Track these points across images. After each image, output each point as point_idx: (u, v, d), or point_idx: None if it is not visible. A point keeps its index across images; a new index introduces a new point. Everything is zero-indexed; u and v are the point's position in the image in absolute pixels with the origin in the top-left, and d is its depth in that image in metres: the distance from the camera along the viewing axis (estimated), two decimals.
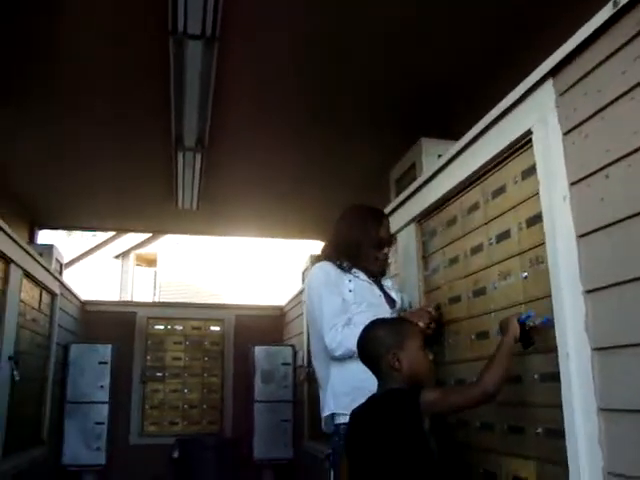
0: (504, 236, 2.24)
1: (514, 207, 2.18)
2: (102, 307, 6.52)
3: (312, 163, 5.25)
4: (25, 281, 4.30)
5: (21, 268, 4.13)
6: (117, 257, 16.09)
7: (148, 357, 6.34)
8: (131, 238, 15.35)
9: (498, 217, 2.29)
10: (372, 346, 2.13)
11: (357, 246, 2.74)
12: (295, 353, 5.74)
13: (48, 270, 4.89)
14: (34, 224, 6.48)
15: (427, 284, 2.90)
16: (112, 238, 15.99)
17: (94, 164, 5.22)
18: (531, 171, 2.05)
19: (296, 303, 5.83)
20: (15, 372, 3.96)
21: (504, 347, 1.93)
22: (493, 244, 2.31)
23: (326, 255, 2.80)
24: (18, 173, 5.34)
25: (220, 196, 5.76)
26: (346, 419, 2.49)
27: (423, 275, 2.93)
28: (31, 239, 6.35)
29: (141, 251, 15.59)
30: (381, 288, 2.79)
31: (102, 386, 5.45)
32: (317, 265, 2.76)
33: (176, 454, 5.62)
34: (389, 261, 2.87)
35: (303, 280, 6.70)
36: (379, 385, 2.14)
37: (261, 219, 6.64)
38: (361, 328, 2.55)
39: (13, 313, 4.00)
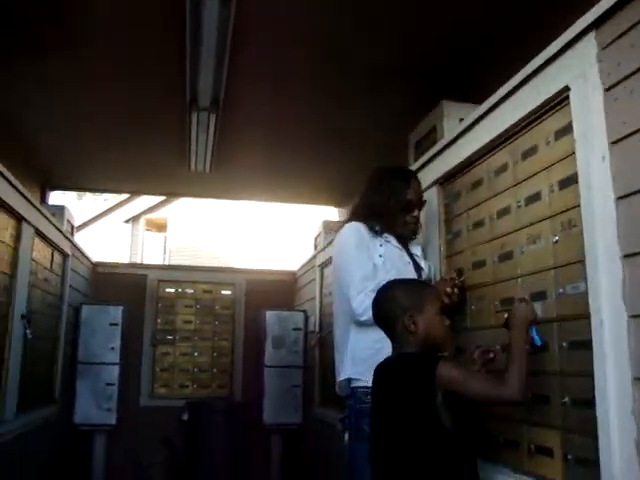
0: (534, 198, 2.15)
1: (546, 168, 2.09)
2: (113, 269, 6.49)
3: (329, 126, 5.14)
4: (37, 240, 4.25)
5: (33, 227, 4.08)
6: (127, 222, 16.08)
7: (159, 320, 6.32)
8: (141, 202, 15.32)
9: (528, 179, 2.20)
10: (388, 306, 2.07)
11: (386, 209, 2.66)
12: (307, 318, 5.70)
13: (60, 230, 4.84)
14: (45, 185, 6.43)
15: (449, 248, 2.82)
16: (122, 202, 15.96)
17: (106, 124, 5.14)
18: (566, 130, 1.96)
19: (309, 268, 5.78)
20: (27, 330, 3.94)
21: (522, 349, 1.87)
22: (522, 207, 2.23)
23: (357, 216, 2.72)
24: (30, 133, 5.27)
25: (234, 159, 5.67)
26: (362, 382, 2.46)
27: (445, 239, 2.85)
28: (42, 200, 6.30)
29: (151, 216, 15.57)
30: (410, 255, 2.72)
31: (113, 348, 5.44)
32: (349, 224, 2.69)
33: (185, 417, 5.63)
34: (420, 224, 2.78)
35: (315, 247, 6.64)
36: (393, 348, 2.09)
37: (274, 183, 6.55)
38: None
39: (25, 271, 3.96)
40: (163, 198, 14.13)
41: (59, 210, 5.59)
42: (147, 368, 6.20)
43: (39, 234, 4.27)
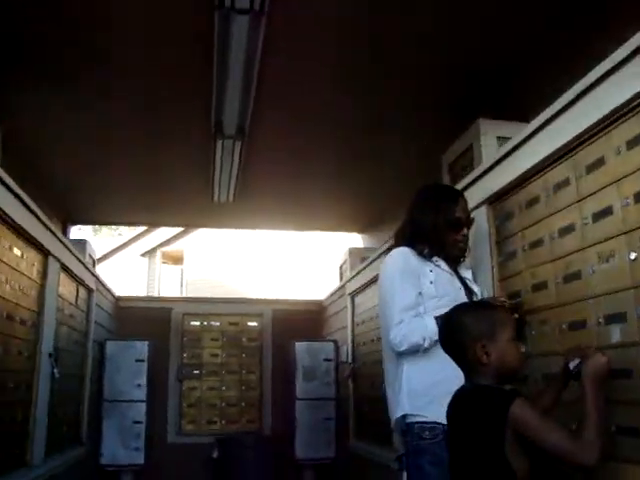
0: (604, 214, 2.00)
1: (617, 181, 1.95)
2: (136, 303, 6.38)
3: (353, 151, 5.03)
4: (63, 275, 4.15)
5: (59, 261, 3.98)
6: (144, 255, 16.03)
7: (184, 354, 6.17)
8: (157, 235, 15.28)
9: (595, 193, 2.05)
10: (457, 335, 1.90)
11: (434, 229, 2.52)
12: (337, 348, 5.54)
13: (84, 264, 4.74)
14: (67, 220, 6.36)
15: (502, 270, 2.67)
16: (138, 236, 15.94)
17: (127, 155, 5.07)
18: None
19: (338, 297, 5.63)
20: (55, 370, 3.81)
21: (600, 405, 1.69)
22: (589, 223, 2.08)
23: (404, 239, 2.58)
24: (51, 167, 5.20)
25: (257, 188, 5.57)
26: (419, 418, 2.30)
27: (497, 261, 2.70)
28: (64, 235, 6.21)
29: (167, 249, 15.51)
30: (460, 279, 2.57)
31: (139, 384, 5.30)
32: (396, 250, 2.54)
33: (216, 454, 5.46)
34: (469, 244, 2.63)
35: (341, 275, 6.51)
36: (465, 377, 1.93)
37: (297, 212, 6.44)
38: (430, 318, 2.35)
39: (51, 308, 3.85)
40: (179, 230, 14.08)
41: (81, 244, 5.50)
42: (174, 404, 6.03)
43: (65, 269, 4.17)
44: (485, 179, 2.78)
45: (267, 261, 13.31)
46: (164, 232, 14.77)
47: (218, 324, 6.31)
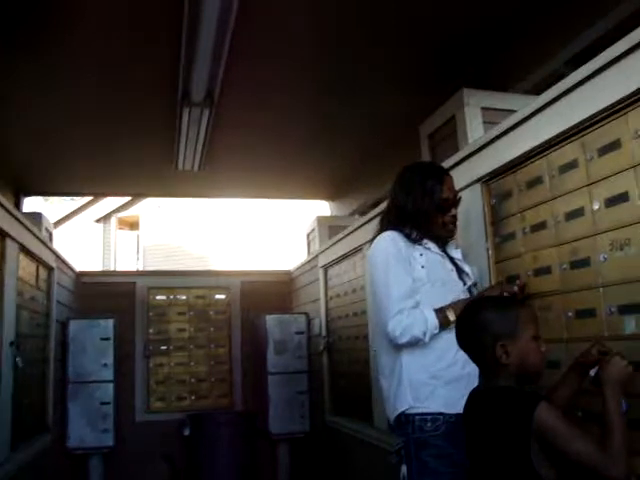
0: (619, 199, 1.90)
1: (635, 166, 1.84)
2: (98, 278, 6.11)
3: (324, 119, 4.87)
4: (22, 256, 3.88)
5: (17, 242, 3.71)
6: (98, 221, 15.57)
7: (150, 330, 5.95)
8: (112, 201, 14.82)
9: (608, 177, 1.94)
10: (476, 333, 1.79)
11: (421, 211, 2.39)
12: (309, 321, 5.42)
13: (43, 242, 4.46)
14: (19, 192, 6.01)
15: (499, 252, 2.56)
16: (92, 202, 15.43)
17: (86, 123, 4.78)
18: None
19: (308, 268, 5.49)
20: (18, 358, 3.58)
21: (621, 413, 1.59)
22: (601, 209, 1.97)
23: (389, 223, 2.44)
24: (1, 135, 4.85)
25: (223, 156, 5.36)
26: (420, 409, 2.21)
27: (493, 242, 2.59)
28: (17, 208, 5.88)
29: (123, 214, 15.09)
30: (451, 260, 2.45)
31: (106, 364, 5.09)
32: (382, 235, 2.40)
33: (187, 431, 5.33)
34: (458, 223, 2.51)
35: (308, 244, 6.37)
36: (483, 377, 1.83)
37: (265, 180, 6.26)
38: (430, 312, 2.23)
39: (12, 293, 3.59)
40: None
41: (37, 218, 5.21)
42: (141, 381, 5.84)
43: (23, 249, 3.90)
44: (480, 156, 2.64)
45: (229, 228, 13.06)
46: (118, 197, 14.34)
47: (184, 298, 6.10)
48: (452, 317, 2.21)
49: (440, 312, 2.24)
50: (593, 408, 1.84)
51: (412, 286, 2.29)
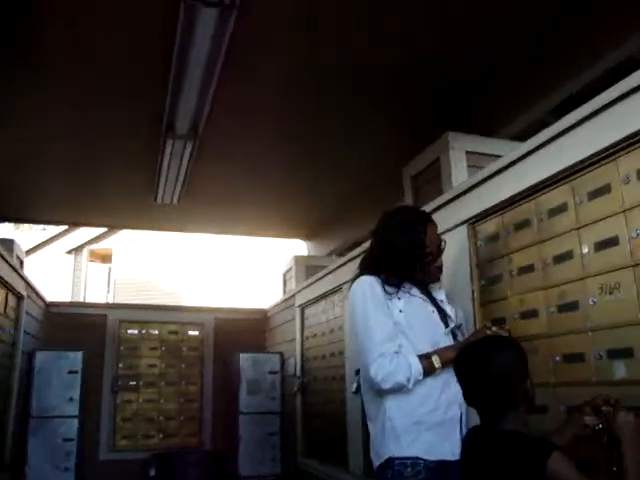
0: (609, 243, 1.90)
1: (625, 210, 1.85)
2: (69, 309, 5.96)
3: (304, 159, 4.90)
4: None
5: None
6: (69, 252, 15.32)
7: (120, 364, 5.80)
8: (84, 233, 14.63)
9: (598, 221, 1.95)
10: (490, 374, 1.69)
11: (407, 255, 2.32)
12: (284, 361, 5.33)
13: (15, 269, 4.35)
14: None
15: (484, 295, 2.54)
16: (64, 232, 15.22)
17: (63, 149, 4.70)
18: None
19: (284, 307, 5.43)
20: None
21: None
22: (590, 252, 1.98)
23: (370, 267, 2.38)
24: None
25: (203, 190, 5.33)
26: (402, 453, 2.13)
27: (479, 285, 2.57)
28: None
29: (95, 246, 14.88)
30: (433, 301, 2.41)
31: (72, 398, 4.93)
32: (360, 279, 2.33)
33: (153, 471, 5.15)
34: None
35: (284, 283, 6.32)
36: (485, 418, 1.75)
37: (243, 216, 6.24)
38: (414, 358, 2.17)
39: None
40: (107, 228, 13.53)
41: (8, 244, 5.08)
42: (107, 418, 5.66)
43: None
44: (466, 198, 2.65)
45: (204, 264, 12.94)
46: (92, 229, 14.16)
47: (157, 332, 5.98)
48: (437, 364, 2.16)
49: (425, 358, 2.17)
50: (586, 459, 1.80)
51: (393, 329, 2.23)
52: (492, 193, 2.47)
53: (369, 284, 2.29)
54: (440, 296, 2.47)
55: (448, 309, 2.44)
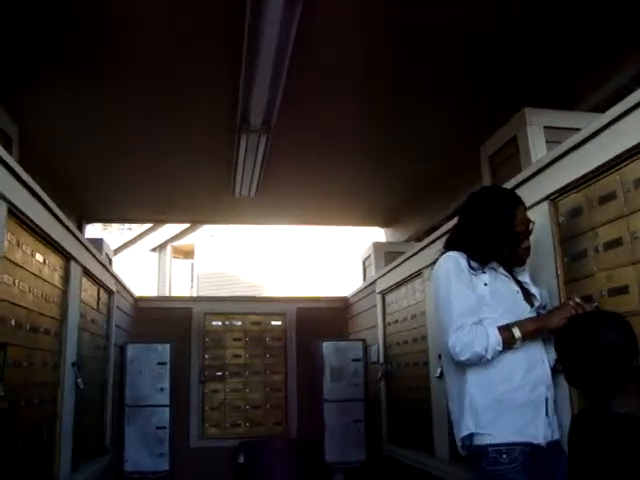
0: None
1: None
2: (156, 303, 6.19)
3: (380, 144, 4.84)
4: (84, 279, 3.95)
5: (80, 265, 3.78)
6: (154, 250, 15.87)
7: (206, 355, 5.98)
8: (167, 230, 15.11)
9: None
10: (610, 348, 1.65)
11: (491, 240, 2.29)
12: (366, 348, 5.34)
13: (105, 266, 4.55)
14: (82, 218, 6.16)
15: (569, 272, 2.45)
16: (148, 231, 15.77)
17: (144, 150, 4.88)
18: None
19: (366, 294, 5.43)
20: (79, 380, 3.63)
21: None
22: None
23: (454, 246, 2.36)
24: (65, 165, 5.01)
25: (279, 182, 5.38)
26: (493, 439, 2.08)
27: (562, 262, 2.48)
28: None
29: (178, 243, 15.35)
30: (517, 282, 2.36)
31: (162, 388, 5.11)
32: (445, 255, 2.32)
33: (242, 459, 5.28)
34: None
35: (364, 270, 6.31)
36: (592, 399, 1.68)
37: (320, 206, 6.27)
38: (493, 329, 2.13)
39: (75, 315, 3.66)
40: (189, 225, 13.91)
41: (97, 243, 5.31)
42: (196, 407, 5.85)
43: (86, 272, 3.97)
44: (546, 174, 2.56)
45: (283, 255, 13.08)
46: (174, 226, 14.60)
47: (240, 324, 6.12)
48: (518, 334, 2.12)
49: (505, 329, 2.13)
50: None
51: (475, 303, 2.20)
52: (574, 167, 2.37)
53: (454, 258, 2.29)
54: (524, 278, 2.42)
55: (532, 288, 2.39)
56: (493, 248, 2.29)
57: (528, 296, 2.36)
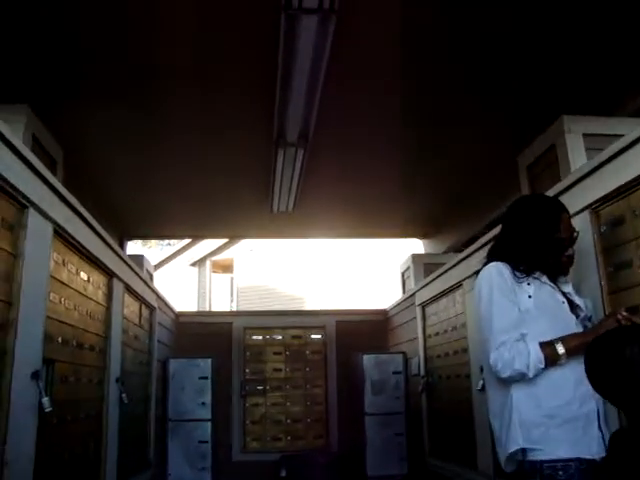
0: None
1: None
2: (196, 318, 6.27)
3: (418, 155, 4.81)
4: (126, 295, 4.03)
5: (122, 282, 3.86)
6: (193, 264, 16.07)
7: (247, 369, 6.03)
8: (206, 245, 15.29)
9: None
10: (629, 370, 1.61)
11: (534, 248, 2.26)
12: (407, 360, 5.30)
13: (146, 282, 4.63)
14: (123, 236, 6.28)
15: (613, 283, 2.40)
16: (187, 246, 15.98)
17: (183, 168, 4.96)
18: None
19: (405, 306, 5.41)
20: (123, 395, 3.69)
21: None
22: None
23: (498, 256, 2.33)
24: (107, 184, 5.13)
25: (317, 196, 5.41)
26: (546, 455, 2.02)
27: (606, 272, 2.44)
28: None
29: (217, 257, 15.51)
30: (563, 294, 2.31)
31: (204, 403, 5.16)
32: (489, 265, 2.29)
33: (283, 472, 5.29)
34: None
35: (403, 282, 6.29)
36: (633, 419, 1.64)
37: (357, 219, 6.28)
38: (535, 345, 2.09)
39: (118, 331, 3.73)
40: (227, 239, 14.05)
41: (139, 260, 5.41)
42: (237, 421, 5.89)
43: (128, 289, 4.05)
44: (587, 183, 2.52)
45: (322, 268, 13.11)
46: (213, 241, 14.76)
47: (280, 337, 6.16)
48: (561, 350, 2.05)
49: (547, 345, 2.07)
50: None
51: (518, 318, 2.16)
52: (615, 175, 2.33)
53: (497, 269, 2.24)
54: (567, 288, 2.37)
55: (576, 299, 2.34)
56: (537, 256, 2.26)
57: (573, 307, 2.32)
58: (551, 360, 2.05)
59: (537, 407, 2.08)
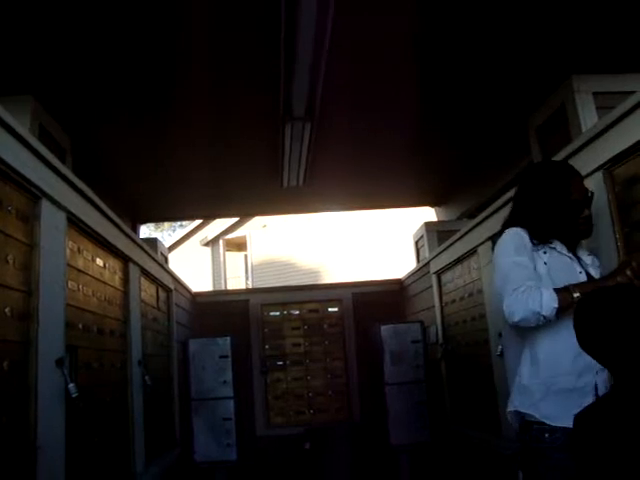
0: None
1: None
2: (213, 298, 6.31)
3: (426, 122, 4.74)
4: (143, 279, 4.06)
5: (138, 266, 3.89)
6: (206, 245, 16.16)
7: (266, 346, 6.09)
8: (219, 224, 15.35)
9: None
10: (618, 331, 1.61)
11: (549, 213, 2.27)
12: (425, 329, 5.32)
13: (161, 265, 4.66)
14: (135, 220, 6.31)
15: (629, 242, 2.39)
16: (200, 226, 16.06)
17: (192, 148, 4.94)
18: None
19: (421, 275, 5.41)
20: (146, 377, 3.74)
21: None
22: None
23: (516, 222, 2.34)
24: (117, 168, 5.13)
25: (327, 169, 5.37)
26: (537, 419, 2.10)
27: (622, 233, 2.42)
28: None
29: (230, 236, 15.57)
30: (581, 264, 2.31)
31: (225, 381, 5.21)
32: (508, 230, 2.31)
33: (308, 445, 5.36)
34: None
35: (417, 251, 6.28)
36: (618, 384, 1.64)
37: (369, 190, 6.22)
38: (548, 290, 2.08)
39: (136, 315, 3.77)
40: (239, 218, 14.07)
41: (153, 243, 5.45)
42: (260, 397, 5.96)
43: (144, 272, 4.08)
44: (599, 142, 2.49)
45: (335, 240, 13.12)
46: (225, 220, 14.81)
47: (297, 312, 6.20)
48: (577, 294, 2.03)
49: (563, 289, 2.07)
50: None
51: (534, 274, 2.17)
52: (628, 133, 2.30)
53: (516, 233, 2.28)
54: (587, 260, 2.36)
55: (593, 273, 2.32)
56: (552, 221, 2.27)
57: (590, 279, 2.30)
58: (565, 303, 2.05)
59: (536, 375, 2.16)
